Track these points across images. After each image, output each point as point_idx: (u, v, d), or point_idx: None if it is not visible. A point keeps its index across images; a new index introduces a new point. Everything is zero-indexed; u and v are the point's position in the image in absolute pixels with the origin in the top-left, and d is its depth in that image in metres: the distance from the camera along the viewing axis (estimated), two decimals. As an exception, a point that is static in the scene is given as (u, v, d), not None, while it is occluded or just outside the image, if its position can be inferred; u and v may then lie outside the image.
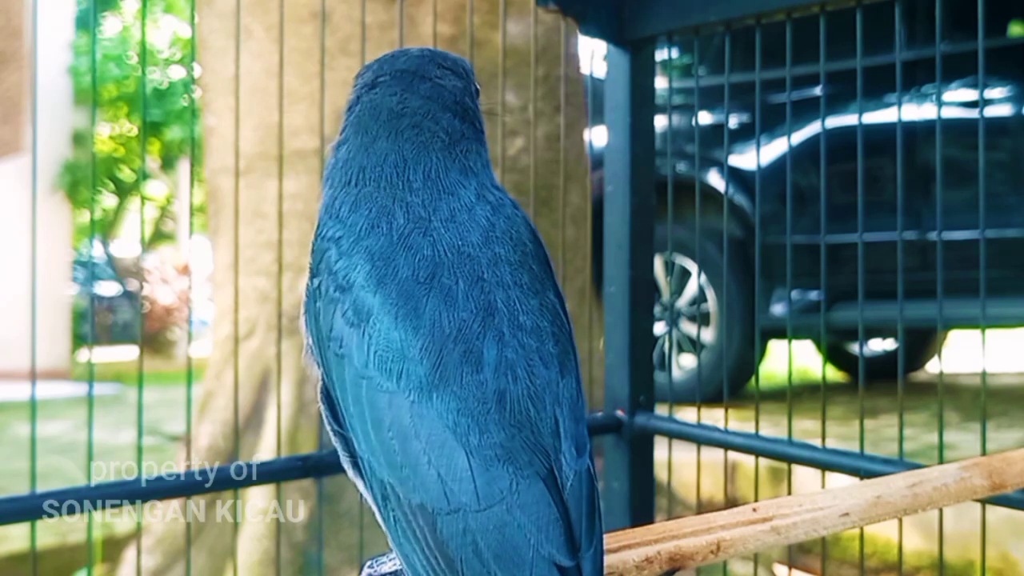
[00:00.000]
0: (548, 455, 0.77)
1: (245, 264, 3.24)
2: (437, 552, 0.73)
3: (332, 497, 2.84)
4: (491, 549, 0.73)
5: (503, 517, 0.73)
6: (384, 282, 0.79)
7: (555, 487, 0.76)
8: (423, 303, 0.78)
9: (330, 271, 0.81)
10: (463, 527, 0.73)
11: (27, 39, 6.82)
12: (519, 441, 0.76)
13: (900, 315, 1.75)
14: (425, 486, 0.74)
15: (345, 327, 0.79)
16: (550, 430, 0.77)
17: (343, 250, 0.81)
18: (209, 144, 3.72)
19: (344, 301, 0.80)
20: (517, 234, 0.85)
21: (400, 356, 0.77)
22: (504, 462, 0.75)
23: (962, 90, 4.28)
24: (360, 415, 0.78)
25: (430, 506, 0.74)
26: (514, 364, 0.78)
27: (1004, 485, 1.07)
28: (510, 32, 2.98)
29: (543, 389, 0.78)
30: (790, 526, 0.92)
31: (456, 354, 0.76)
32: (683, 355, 5.25)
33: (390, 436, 0.76)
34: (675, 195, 1.99)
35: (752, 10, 1.79)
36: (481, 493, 0.73)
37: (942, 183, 2.06)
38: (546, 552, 0.73)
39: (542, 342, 0.80)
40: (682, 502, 3.22)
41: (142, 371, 1.65)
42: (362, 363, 0.78)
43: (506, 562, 0.72)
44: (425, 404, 0.75)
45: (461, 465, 0.74)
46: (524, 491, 0.74)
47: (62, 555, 3.41)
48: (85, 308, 10.45)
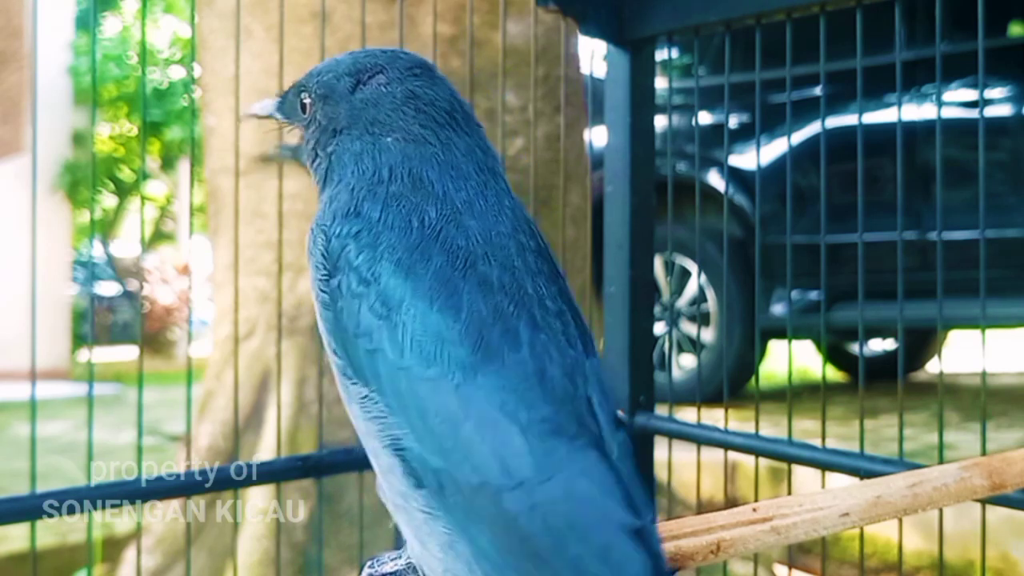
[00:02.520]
0: (587, 425, 0.78)
1: (245, 264, 3.24)
2: (507, 529, 0.73)
3: (332, 497, 2.84)
4: (562, 518, 0.73)
5: (568, 485, 0.74)
6: (415, 270, 0.79)
7: (605, 455, 0.77)
8: (460, 288, 0.78)
9: (351, 267, 0.80)
10: (530, 500, 0.73)
11: (27, 39, 6.82)
12: (564, 414, 0.77)
13: (900, 315, 1.75)
14: (483, 466, 0.74)
15: (373, 320, 0.78)
16: (585, 406, 0.79)
17: (363, 244, 0.81)
18: (209, 144, 3.72)
19: (369, 295, 0.79)
20: (528, 222, 0.87)
21: (439, 340, 0.76)
22: (556, 434, 0.75)
23: (962, 90, 4.28)
24: (403, 407, 0.77)
25: (492, 484, 0.73)
26: (547, 344, 0.79)
27: (1004, 485, 1.07)
28: (510, 32, 2.98)
29: (573, 368, 0.79)
30: (790, 526, 0.92)
31: (495, 334, 0.77)
32: (683, 355, 5.26)
33: (438, 422, 0.75)
34: (675, 195, 1.99)
35: (752, 10, 1.79)
36: (540, 465, 0.74)
37: (942, 183, 2.06)
38: (616, 516, 0.74)
39: (566, 324, 0.82)
40: (682, 502, 3.22)
41: (142, 371, 1.65)
42: (397, 354, 0.77)
43: (578, 529, 0.73)
44: (470, 385, 0.75)
45: (516, 440, 0.74)
46: (581, 459, 0.75)
47: (62, 555, 3.41)
48: (85, 308, 10.46)
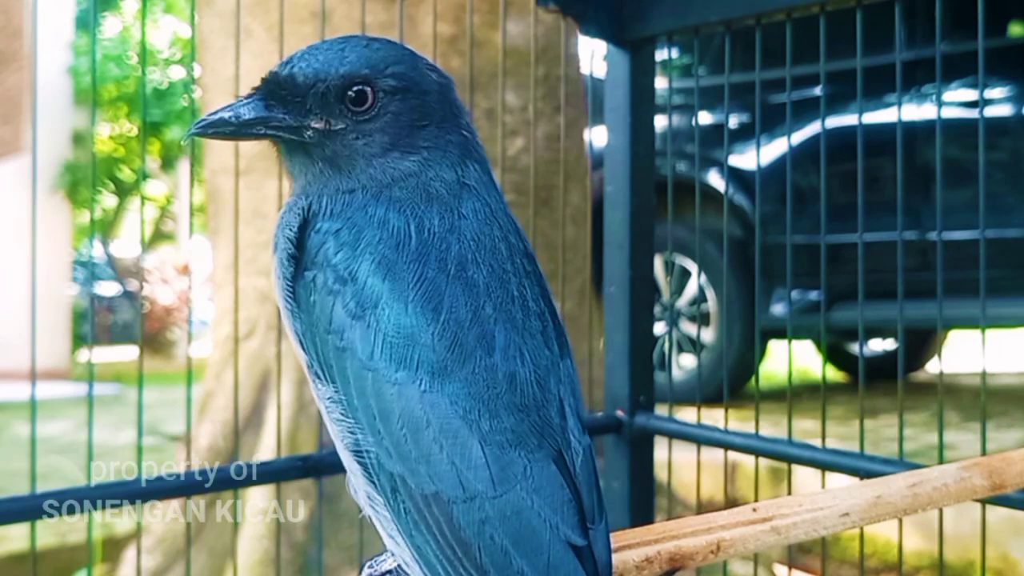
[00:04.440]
0: (556, 435, 0.78)
1: (245, 264, 3.24)
2: (453, 541, 0.73)
3: (332, 497, 2.84)
4: (509, 534, 0.73)
5: (519, 502, 0.74)
6: (396, 271, 0.78)
7: (565, 467, 0.77)
8: (442, 290, 0.78)
9: (328, 263, 0.79)
10: (481, 514, 0.73)
11: (27, 39, 6.82)
12: (528, 424, 0.77)
13: (900, 315, 1.75)
14: (439, 475, 0.74)
15: (346, 319, 0.78)
16: (556, 409, 0.79)
17: (343, 241, 0.79)
18: (209, 144, 3.72)
19: (344, 293, 0.78)
20: (514, 222, 0.86)
21: (411, 342, 0.76)
22: (516, 447, 0.75)
23: (962, 90, 4.28)
24: (366, 408, 0.77)
25: (445, 495, 0.74)
26: (521, 346, 0.79)
27: (1004, 485, 1.07)
28: (510, 32, 2.98)
29: (547, 370, 0.79)
30: (790, 526, 0.92)
31: (471, 338, 0.77)
32: (683, 355, 5.25)
33: (399, 427, 0.75)
34: (675, 195, 1.99)
35: (752, 10, 1.79)
36: (496, 479, 0.74)
37: (942, 183, 2.06)
38: (562, 534, 0.74)
39: (545, 325, 0.82)
40: (682, 502, 3.22)
41: (142, 371, 1.65)
42: (367, 354, 0.76)
43: (524, 546, 0.73)
44: (436, 392, 0.75)
45: (475, 453, 0.74)
46: (537, 474, 0.75)
47: (62, 555, 3.41)
48: (85, 308, 10.45)
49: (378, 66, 0.83)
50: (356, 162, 0.83)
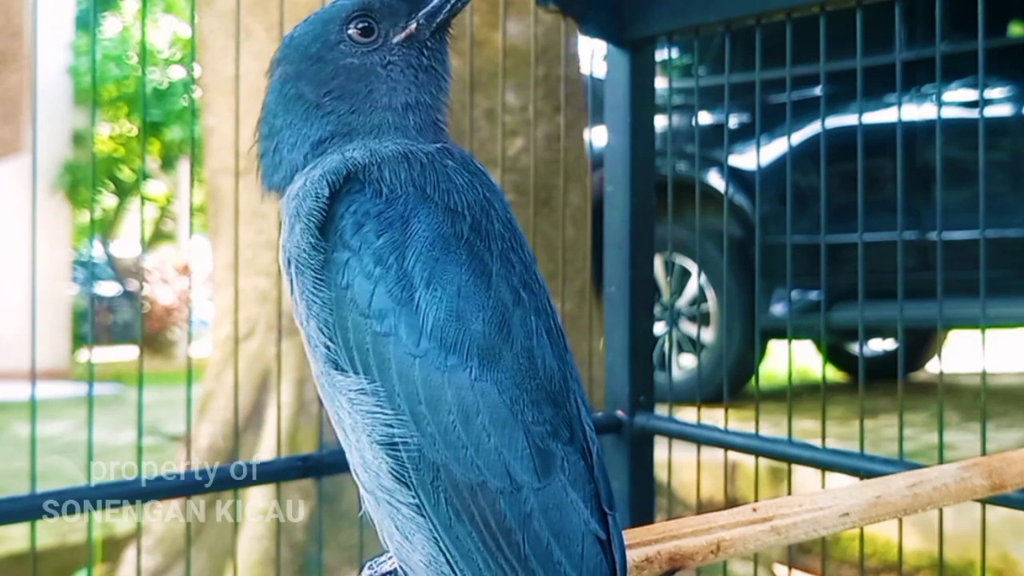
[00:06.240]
0: (580, 428, 0.78)
1: (245, 264, 3.24)
2: (498, 531, 0.73)
3: (332, 497, 2.84)
4: (551, 526, 0.73)
5: (559, 494, 0.74)
6: (445, 250, 0.76)
7: (588, 460, 0.77)
8: (490, 270, 0.77)
9: (367, 244, 0.76)
10: (527, 506, 0.73)
11: (27, 39, 6.81)
12: (561, 416, 0.77)
13: (900, 315, 1.75)
14: (487, 465, 0.73)
15: (389, 303, 0.75)
16: (573, 400, 0.79)
17: (387, 220, 0.77)
18: (209, 144, 3.72)
19: (387, 276, 0.75)
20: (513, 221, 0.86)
21: (462, 327, 0.74)
22: (554, 438, 0.75)
23: (962, 90, 4.28)
24: (410, 396, 0.74)
25: (492, 485, 0.73)
26: (548, 342, 0.78)
27: (1004, 485, 1.07)
28: (510, 32, 2.98)
29: (561, 360, 0.79)
30: (790, 526, 0.92)
31: (516, 322, 0.76)
32: (683, 355, 5.25)
33: (448, 415, 0.74)
34: (675, 195, 1.99)
35: (752, 10, 1.79)
36: (540, 471, 0.74)
37: (942, 183, 2.06)
38: (592, 527, 0.75)
39: (551, 316, 0.81)
40: (682, 502, 3.22)
41: (142, 371, 1.65)
42: (414, 340, 0.74)
43: (563, 538, 0.73)
44: (486, 380, 0.74)
45: (521, 443, 0.74)
46: (572, 467, 0.76)
47: (62, 555, 3.41)
48: (85, 308, 10.44)
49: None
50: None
